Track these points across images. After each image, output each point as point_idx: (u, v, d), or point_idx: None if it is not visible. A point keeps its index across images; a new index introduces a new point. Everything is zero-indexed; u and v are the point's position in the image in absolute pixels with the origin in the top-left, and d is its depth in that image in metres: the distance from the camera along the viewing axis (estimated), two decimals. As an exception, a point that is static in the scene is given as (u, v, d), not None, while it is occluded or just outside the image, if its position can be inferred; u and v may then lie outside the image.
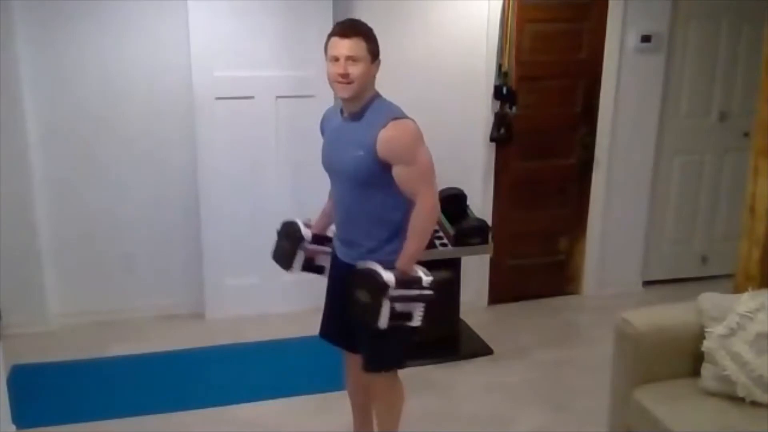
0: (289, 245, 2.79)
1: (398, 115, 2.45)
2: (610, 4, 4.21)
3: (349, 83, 2.40)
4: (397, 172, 2.41)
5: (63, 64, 3.82)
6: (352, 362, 2.77)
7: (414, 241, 2.46)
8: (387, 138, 2.38)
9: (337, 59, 2.40)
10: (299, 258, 2.78)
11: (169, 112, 3.99)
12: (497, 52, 4.07)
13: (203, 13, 3.80)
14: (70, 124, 3.91)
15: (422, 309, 2.45)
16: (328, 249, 2.76)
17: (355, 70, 2.38)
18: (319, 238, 2.79)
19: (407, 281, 2.42)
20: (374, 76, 2.48)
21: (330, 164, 2.60)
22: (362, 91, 2.43)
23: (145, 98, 3.95)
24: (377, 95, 2.51)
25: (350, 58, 2.38)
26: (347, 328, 2.64)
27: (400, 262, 2.45)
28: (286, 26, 3.91)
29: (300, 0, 3.88)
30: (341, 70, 2.39)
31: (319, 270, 2.83)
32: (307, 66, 3.96)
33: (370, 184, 2.45)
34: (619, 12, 4.22)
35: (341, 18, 3.86)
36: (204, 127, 3.95)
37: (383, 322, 2.38)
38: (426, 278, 2.46)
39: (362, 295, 2.40)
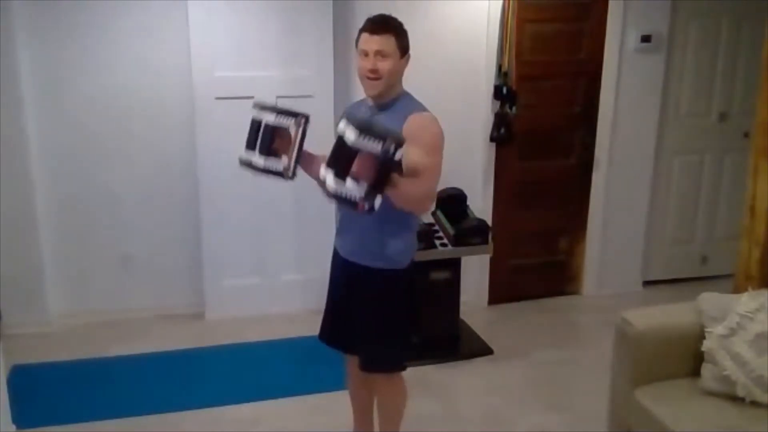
0: (287, 109, 2.48)
1: (430, 114, 2.47)
2: (610, 4, 4.21)
3: (377, 79, 2.41)
4: (408, 151, 2.18)
5: (63, 66, 3.83)
6: (353, 362, 2.77)
7: (407, 185, 2.21)
8: (415, 121, 2.39)
9: (366, 54, 2.41)
10: (281, 121, 2.45)
11: (170, 112, 4.00)
12: (497, 52, 4.07)
13: (203, 13, 3.80)
14: (71, 125, 3.91)
15: (358, 191, 2.10)
16: (293, 158, 2.45)
17: (384, 65, 2.40)
18: (301, 147, 2.46)
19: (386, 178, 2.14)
20: (402, 73, 2.49)
21: None
22: (390, 87, 2.45)
23: (145, 98, 3.95)
24: (407, 92, 2.53)
25: (379, 54, 2.39)
26: (347, 329, 2.64)
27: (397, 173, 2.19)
28: (286, 26, 3.91)
29: (300, 0, 3.88)
30: (370, 66, 2.40)
31: (263, 146, 2.50)
32: (307, 66, 3.96)
33: None
34: (619, 12, 4.22)
35: (340, 18, 3.92)
36: (204, 127, 3.95)
37: (356, 139, 2.07)
38: (377, 203, 2.14)
39: (378, 124, 2.19)
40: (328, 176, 2.14)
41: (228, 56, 3.88)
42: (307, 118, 2.44)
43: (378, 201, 2.14)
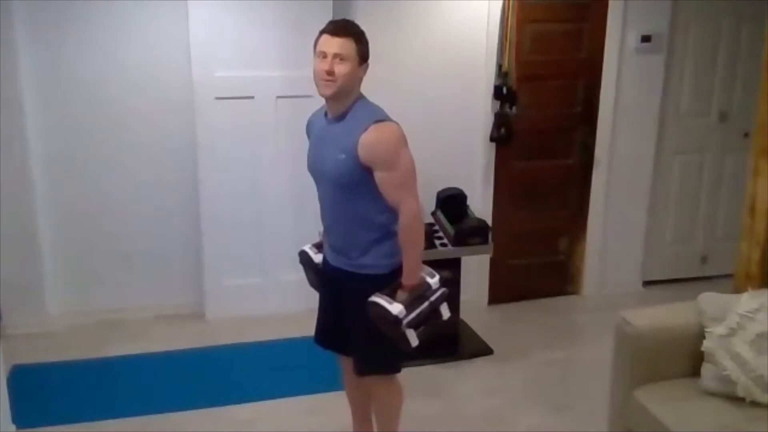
0: (313, 274, 2.79)
1: (381, 117, 2.41)
2: (610, 4, 4.21)
3: (332, 81, 2.38)
4: (378, 177, 2.37)
5: (62, 66, 3.82)
6: (346, 365, 2.76)
7: (410, 253, 2.44)
8: (368, 142, 2.34)
9: (325, 56, 2.39)
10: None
11: (170, 112, 3.99)
12: (497, 52, 4.06)
13: (203, 13, 3.80)
14: (70, 125, 3.91)
15: (444, 304, 2.49)
16: None
17: (341, 68, 2.37)
18: None
19: (417, 296, 2.43)
20: (360, 79, 2.45)
21: (314, 168, 2.56)
22: (345, 91, 2.41)
23: (145, 98, 3.95)
24: (361, 97, 2.47)
25: (338, 56, 2.37)
26: (339, 331, 2.64)
27: (405, 279, 2.43)
28: (286, 26, 3.91)
29: (300, 0, 3.88)
30: (327, 67, 2.38)
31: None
32: (307, 66, 3.90)
33: (353, 187, 2.41)
34: (619, 12, 4.22)
35: (341, 18, 3.91)
36: (204, 127, 3.95)
37: (415, 341, 2.43)
38: (433, 280, 2.47)
39: (385, 330, 2.42)
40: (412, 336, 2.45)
41: (228, 56, 3.88)
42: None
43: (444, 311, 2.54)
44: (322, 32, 2.44)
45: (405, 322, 2.38)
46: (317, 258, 2.74)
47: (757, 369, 2.50)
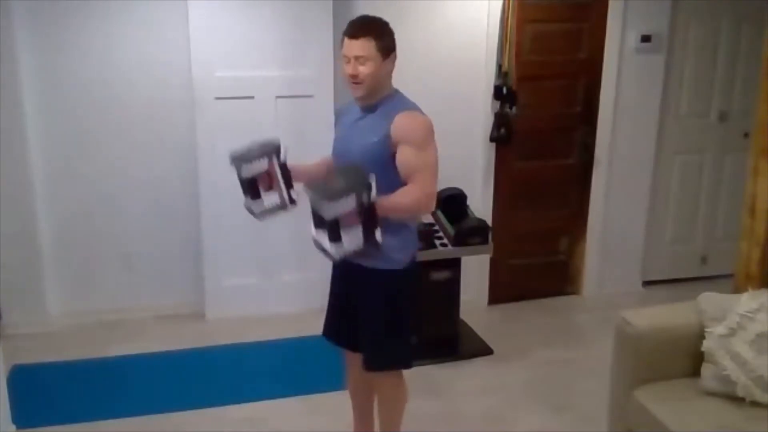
0: (256, 151, 2.55)
1: (416, 108, 2.48)
2: (610, 4, 4.21)
3: (359, 83, 2.42)
4: (402, 151, 2.38)
5: (62, 66, 3.83)
6: (353, 362, 2.77)
7: (396, 202, 2.33)
8: (402, 122, 2.40)
9: (348, 60, 2.42)
10: (255, 167, 2.53)
11: (170, 112, 4.00)
12: (497, 52, 4.06)
13: (203, 13, 3.80)
14: (71, 125, 3.91)
15: (357, 239, 2.25)
16: (283, 189, 2.57)
17: (364, 69, 2.40)
18: (287, 174, 2.56)
19: (373, 216, 2.25)
20: (389, 72, 2.49)
21: (340, 155, 2.57)
22: (375, 89, 2.45)
23: (145, 98, 3.95)
24: (397, 91, 2.52)
25: (360, 58, 2.40)
26: (350, 327, 2.64)
27: (380, 200, 2.29)
28: (286, 26, 3.91)
29: (300, 0, 3.88)
30: (350, 71, 2.41)
31: (254, 193, 2.59)
32: (307, 66, 3.96)
33: (376, 173, 2.34)
34: (619, 12, 4.22)
35: (341, 18, 3.91)
36: (204, 126, 3.95)
37: (330, 210, 2.16)
38: (378, 236, 2.29)
39: (337, 180, 2.25)
40: (325, 243, 2.24)
41: (228, 56, 3.88)
42: (276, 149, 2.51)
43: (378, 235, 2.27)
44: (343, 34, 2.46)
45: (363, 195, 2.20)
46: (283, 152, 2.57)
47: (757, 369, 2.50)
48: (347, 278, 2.61)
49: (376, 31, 2.43)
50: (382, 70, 2.44)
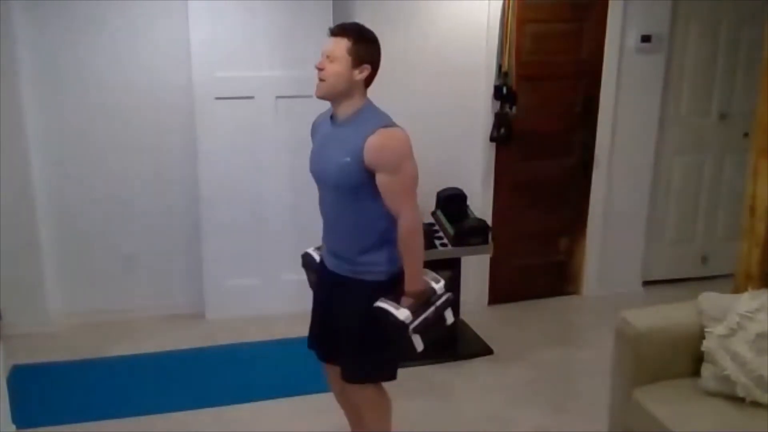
0: (315, 277, 2.74)
1: (388, 123, 2.38)
2: (610, 4, 4.21)
3: (322, 80, 2.37)
4: (380, 180, 2.34)
5: (62, 66, 3.83)
6: (332, 372, 2.69)
7: (411, 260, 2.42)
8: (374, 145, 2.31)
9: (321, 55, 2.39)
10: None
11: (170, 112, 4.00)
12: (497, 52, 4.06)
13: (203, 13, 3.81)
14: (70, 126, 3.91)
15: (449, 309, 2.49)
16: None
17: (330, 68, 2.35)
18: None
19: (423, 302, 2.43)
20: (358, 83, 2.38)
21: (317, 170, 2.53)
22: (336, 93, 2.38)
23: (145, 98, 3.95)
24: (369, 103, 2.44)
25: (330, 56, 2.36)
26: (328, 336, 2.61)
27: (408, 286, 2.41)
28: (286, 26, 3.92)
29: (300, 0, 3.88)
30: (318, 64, 2.38)
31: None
32: (307, 66, 3.90)
33: (355, 191, 2.38)
34: (619, 12, 4.22)
35: (341, 19, 3.92)
36: (204, 127, 3.95)
37: (420, 346, 2.42)
38: (438, 285, 2.47)
39: (391, 335, 2.42)
40: (417, 342, 2.44)
41: (228, 56, 3.88)
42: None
43: (449, 315, 2.53)
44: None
45: (412, 327, 2.37)
46: (320, 258, 2.71)
47: (757, 369, 2.50)
48: (330, 287, 2.58)
49: (353, 35, 2.36)
50: (348, 76, 2.35)
